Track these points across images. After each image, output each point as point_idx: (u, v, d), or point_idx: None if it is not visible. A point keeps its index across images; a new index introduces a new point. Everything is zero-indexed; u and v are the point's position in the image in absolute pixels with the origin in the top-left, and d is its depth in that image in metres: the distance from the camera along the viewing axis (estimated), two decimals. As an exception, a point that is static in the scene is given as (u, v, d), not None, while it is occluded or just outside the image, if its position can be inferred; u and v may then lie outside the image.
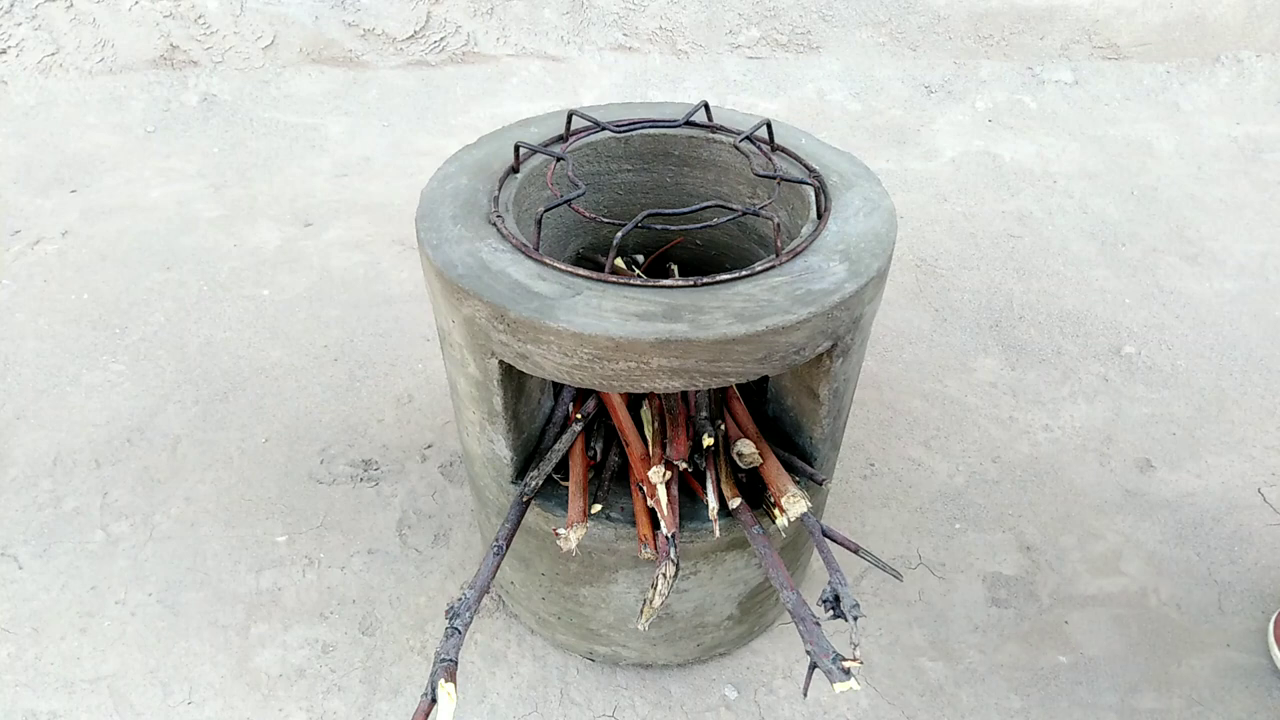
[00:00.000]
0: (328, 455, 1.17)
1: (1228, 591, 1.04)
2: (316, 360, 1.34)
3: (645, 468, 0.74)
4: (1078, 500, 1.15)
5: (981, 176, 1.92)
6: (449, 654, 0.57)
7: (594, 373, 0.61)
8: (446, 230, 0.69)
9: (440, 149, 1.91)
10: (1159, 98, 2.21)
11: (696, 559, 0.78)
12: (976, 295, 1.53)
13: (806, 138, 0.86)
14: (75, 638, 0.95)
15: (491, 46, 2.20)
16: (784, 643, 0.95)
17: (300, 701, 0.90)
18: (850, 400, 0.81)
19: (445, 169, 0.78)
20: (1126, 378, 1.36)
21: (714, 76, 2.22)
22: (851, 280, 0.65)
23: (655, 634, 0.81)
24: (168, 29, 2.07)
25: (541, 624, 0.92)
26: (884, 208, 0.74)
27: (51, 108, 2.02)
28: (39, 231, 1.63)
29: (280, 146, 1.95)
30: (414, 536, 1.07)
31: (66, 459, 1.16)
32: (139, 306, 1.44)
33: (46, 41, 2.03)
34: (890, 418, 1.26)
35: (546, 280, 0.64)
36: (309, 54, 2.15)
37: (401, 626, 0.97)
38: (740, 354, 0.60)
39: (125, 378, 1.30)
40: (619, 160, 0.87)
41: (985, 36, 2.24)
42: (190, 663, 0.93)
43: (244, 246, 1.61)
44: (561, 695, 0.91)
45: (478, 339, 0.66)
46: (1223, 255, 1.65)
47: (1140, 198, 1.85)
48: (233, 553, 1.05)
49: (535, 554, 0.83)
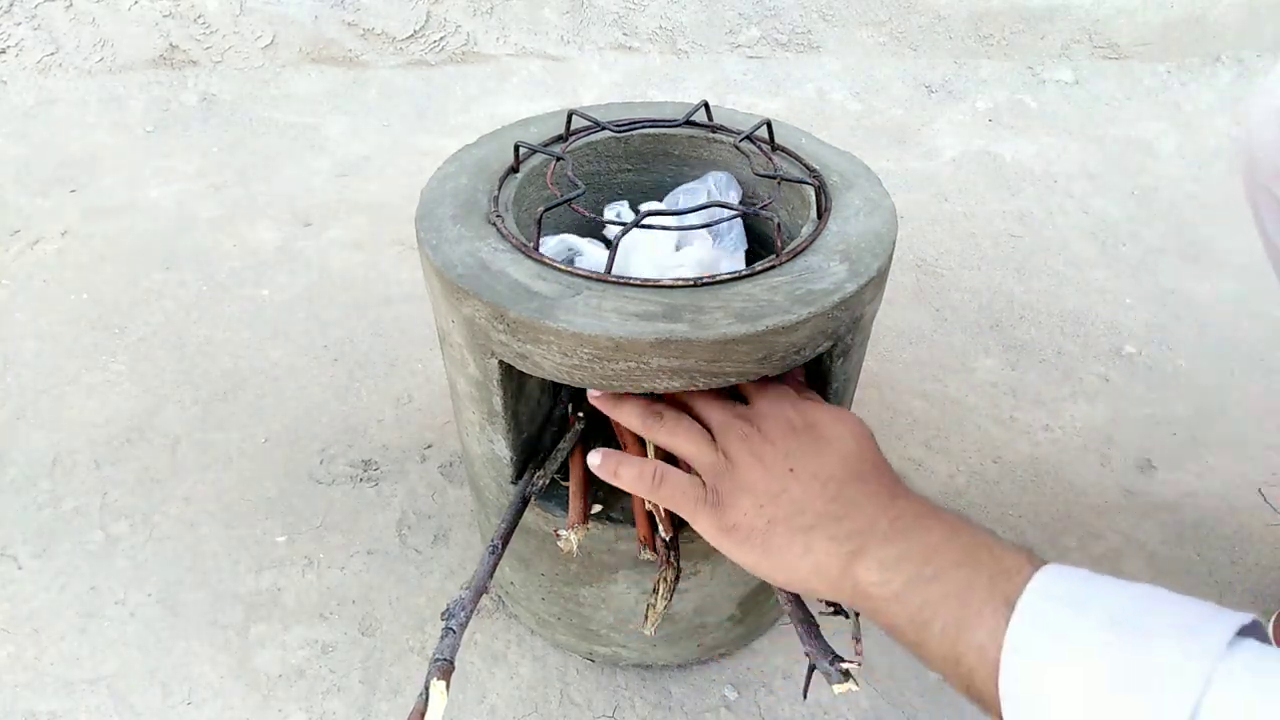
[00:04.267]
0: (327, 455, 1.17)
1: (1228, 591, 1.04)
2: (316, 360, 1.34)
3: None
4: (1078, 500, 1.15)
5: (982, 176, 1.91)
6: (443, 654, 0.57)
7: (594, 373, 0.61)
8: (446, 230, 0.69)
9: (440, 149, 1.91)
10: (1160, 97, 2.21)
11: (697, 559, 0.78)
12: (977, 295, 1.53)
13: (806, 137, 0.85)
14: (75, 638, 0.95)
15: (491, 46, 2.20)
16: (784, 643, 0.95)
17: (300, 702, 0.90)
18: (850, 400, 0.81)
19: (445, 169, 0.78)
20: (1127, 378, 1.35)
21: (714, 76, 2.22)
22: (852, 280, 0.64)
23: (655, 635, 0.80)
24: (167, 29, 2.07)
25: (541, 624, 0.92)
26: (884, 208, 0.74)
27: (51, 108, 2.01)
28: (38, 231, 1.63)
29: (280, 146, 1.95)
30: (414, 537, 1.07)
31: (66, 459, 1.16)
32: (139, 306, 1.44)
33: (46, 41, 2.03)
34: (890, 418, 1.25)
35: (546, 280, 0.64)
36: (309, 54, 2.15)
37: (401, 627, 0.97)
38: (740, 354, 0.60)
39: (125, 378, 1.30)
40: (619, 160, 0.87)
41: (986, 36, 2.24)
42: (190, 663, 0.93)
43: (243, 246, 1.60)
44: (561, 696, 0.91)
45: (477, 339, 0.66)
46: (1224, 255, 1.65)
47: (1141, 197, 1.85)
48: (232, 553, 1.05)
49: (535, 554, 0.83)
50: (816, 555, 0.49)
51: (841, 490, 0.51)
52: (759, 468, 0.53)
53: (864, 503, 0.50)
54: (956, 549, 0.45)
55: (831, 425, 0.56)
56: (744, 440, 0.55)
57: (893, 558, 0.46)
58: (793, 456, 0.53)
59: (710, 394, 0.61)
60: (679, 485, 0.57)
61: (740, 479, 0.53)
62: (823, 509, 0.50)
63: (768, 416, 0.57)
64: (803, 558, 0.50)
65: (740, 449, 0.55)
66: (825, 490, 0.51)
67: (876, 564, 0.47)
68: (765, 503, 0.52)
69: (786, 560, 0.50)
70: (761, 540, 0.51)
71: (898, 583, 0.45)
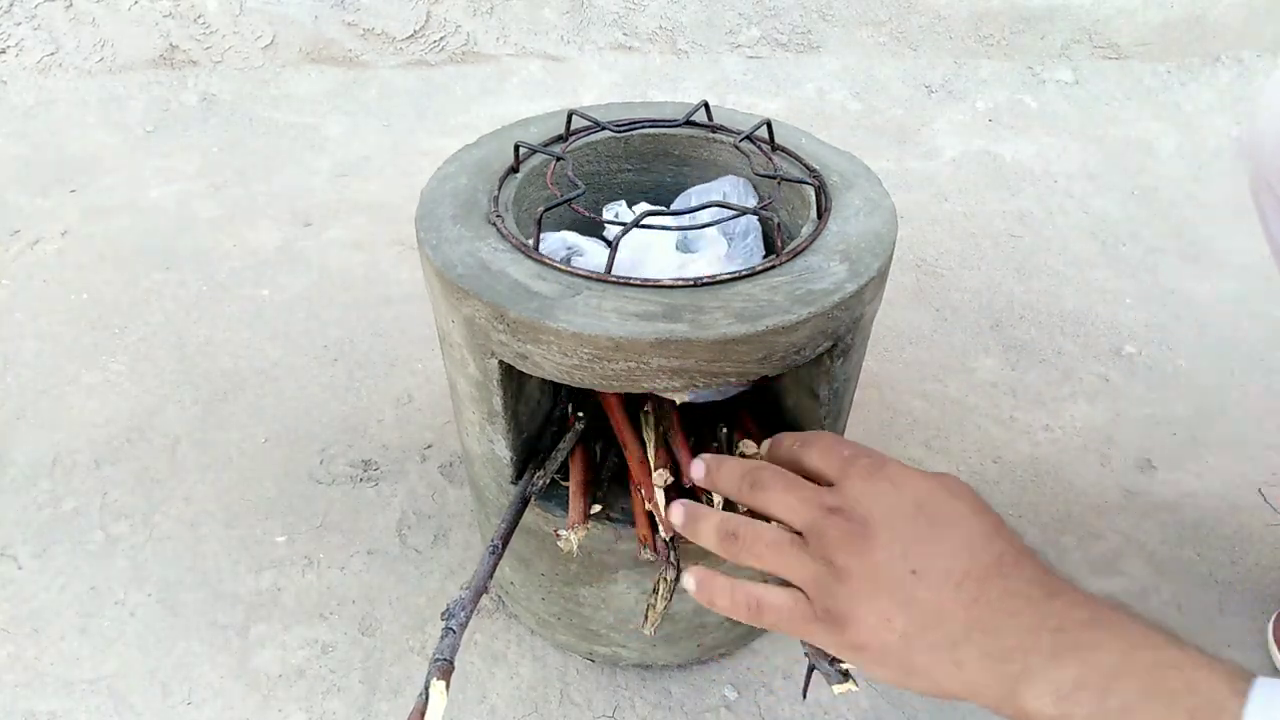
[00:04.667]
0: (327, 455, 1.17)
1: (1228, 592, 1.04)
2: (316, 360, 1.34)
3: (643, 471, 0.74)
4: (1078, 500, 1.15)
5: (982, 176, 1.91)
6: (443, 654, 0.57)
7: (593, 373, 0.61)
8: (446, 230, 0.69)
9: (440, 149, 1.91)
10: (1160, 97, 2.21)
11: (697, 559, 0.77)
12: (977, 295, 1.53)
13: (806, 137, 0.85)
14: (75, 638, 0.95)
15: (491, 46, 2.20)
16: (784, 643, 0.95)
17: (300, 702, 0.90)
18: (850, 400, 0.81)
19: (445, 169, 0.78)
20: (1127, 378, 1.35)
21: (714, 76, 2.22)
22: (852, 280, 0.64)
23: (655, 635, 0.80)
24: (167, 29, 2.07)
25: (541, 624, 0.92)
26: (884, 207, 0.74)
27: (51, 108, 2.01)
28: (38, 231, 1.63)
29: (280, 146, 1.95)
30: (414, 537, 1.07)
31: (66, 459, 1.16)
32: (138, 306, 1.44)
33: (46, 41, 2.03)
34: (891, 418, 1.25)
35: (546, 280, 0.64)
36: (309, 54, 2.15)
37: (401, 627, 0.97)
38: (740, 354, 0.60)
39: (125, 378, 1.30)
40: (619, 160, 0.87)
41: (986, 36, 2.24)
42: (190, 663, 0.93)
43: (243, 246, 1.60)
44: (561, 696, 0.91)
45: (477, 339, 0.66)
46: (1223, 255, 1.65)
47: (1141, 197, 1.85)
48: (232, 553, 1.05)
49: (535, 554, 0.83)
50: (970, 673, 0.42)
51: (983, 591, 0.43)
52: (873, 576, 0.44)
53: (1016, 609, 0.42)
54: (1140, 671, 0.39)
55: (945, 502, 0.46)
56: (846, 542, 0.45)
57: (1068, 684, 0.40)
58: (911, 554, 0.44)
59: (786, 481, 0.49)
60: (780, 610, 0.47)
61: (854, 591, 0.44)
62: (966, 618, 0.42)
63: (863, 501, 0.46)
64: (954, 677, 0.42)
65: (845, 555, 0.44)
66: (962, 593, 0.43)
67: (1049, 692, 0.40)
68: (893, 615, 0.43)
69: (935, 679, 0.43)
70: (899, 660, 0.44)
71: (1079, 716, 0.39)
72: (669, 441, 0.75)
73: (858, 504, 0.46)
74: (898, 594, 0.43)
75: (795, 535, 0.47)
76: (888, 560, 0.44)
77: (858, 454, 0.49)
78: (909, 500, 0.46)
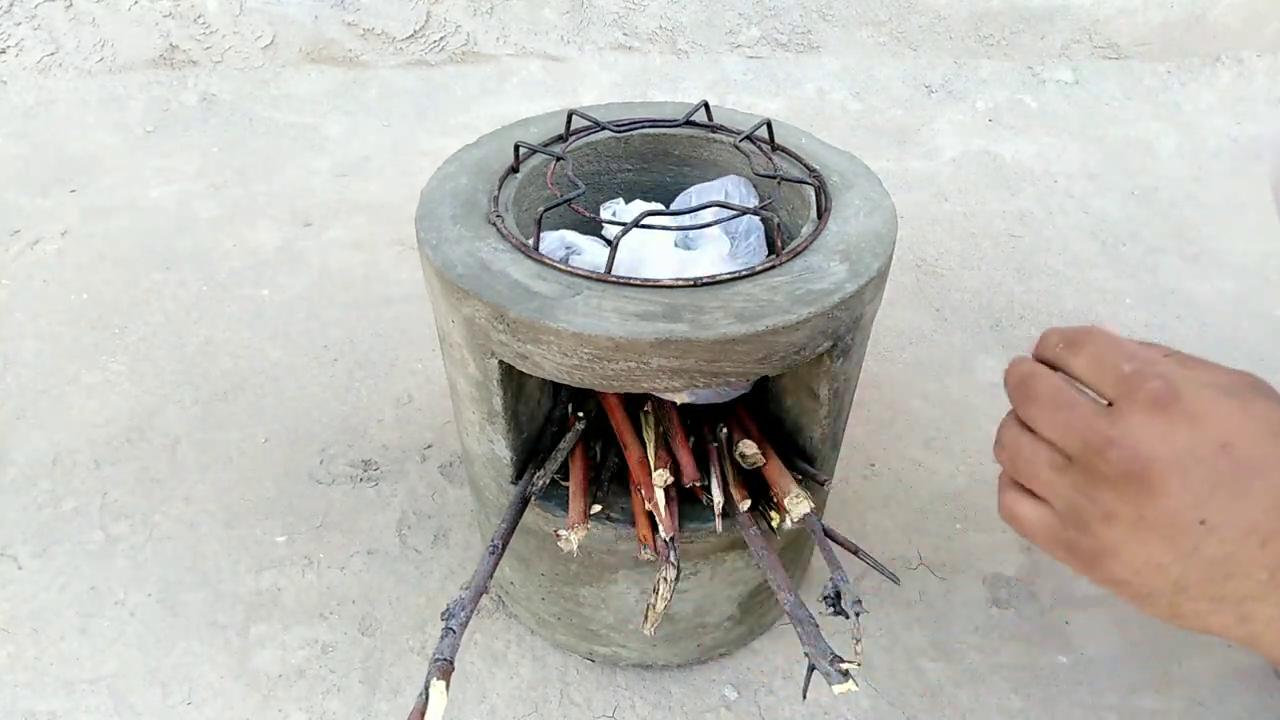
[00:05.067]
0: (327, 455, 1.17)
1: (1228, 592, 1.04)
2: (316, 360, 1.34)
3: (643, 471, 0.74)
4: (1078, 500, 1.14)
5: (982, 176, 1.91)
6: (443, 654, 0.57)
7: (594, 373, 0.61)
8: (446, 230, 0.69)
9: (440, 149, 1.91)
10: (1159, 97, 2.21)
11: (696, 559, 0.78)
12: (977, 295, 1.53)
13: (806, 137, 0.85)
14: (75, 638, 0.95)
15: (491, 46, 2.20)
16: (784, 643, 0.95)
17: (300, 702, 0.90)
18: (851, 400, 0.80)
19: (445, 169, 0.78)
20: (1127, 378, 1.35)
21: (714, 76, 2.22)
22: (852, 280, 0.64)
23: (656, 635, 0.80)
24: (167, 29, 2.07)
25: (541, 624, 0.92)
26: (884, 207, 0.74)
27: (51, 108, 2.01)
28: (38, 231, 1.63)
29: (279, 146, 1.95)
30: (414, 537, 1.07)
31: (66, 459, 1.16)
32: (138, 306, 1.44)
33: (46, 41, 2.03)
34: (891, 418, 1.25)
35: (546, 280, 0.64)
36: (308, 54, 2.15)
37: (401, 627, 0.97)
38: (740, 354, 0.60)
39: (125, 378, 1.30)
40: (619, 160, 0.87)
41: (985, 36, 2.24)
42: (190, 663, 0.93)
43: (243, 246, 1.60)
44: (561, 696, 0.91)
45: (477, 339, 0.66)
46: (1223, 255, 1.65)
47: (1141, 197, 1.85)
48: (232, 553, 1.05)
49: (535, 554, 0.83)
50: (1255, 627, 0.37)
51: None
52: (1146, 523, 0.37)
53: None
54: None
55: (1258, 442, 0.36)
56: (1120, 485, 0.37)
57: None
58: (1205, 504, 0.36)
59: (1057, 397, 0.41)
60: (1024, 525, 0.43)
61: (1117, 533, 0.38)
62: (1270, 579, 0.36)
63: (1148, 439, 0.36)
64: (1234, 628, 0.38)
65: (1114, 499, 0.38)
66: (1267, 551, 0.35)
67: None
68: (1168, 563, 0.37)
69: (1208, 625, 0.38)
70: (1167, 603, 0.39)
71: None
72: (669, 441, 0.75)
73: (1141, 443, 0.37)
74: (1178, 543, 0.37)
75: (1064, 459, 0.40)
76: (1171, 509, 0.36)
77: (1143, 370, 0.38)
78: (1211, 440, 0.36)
